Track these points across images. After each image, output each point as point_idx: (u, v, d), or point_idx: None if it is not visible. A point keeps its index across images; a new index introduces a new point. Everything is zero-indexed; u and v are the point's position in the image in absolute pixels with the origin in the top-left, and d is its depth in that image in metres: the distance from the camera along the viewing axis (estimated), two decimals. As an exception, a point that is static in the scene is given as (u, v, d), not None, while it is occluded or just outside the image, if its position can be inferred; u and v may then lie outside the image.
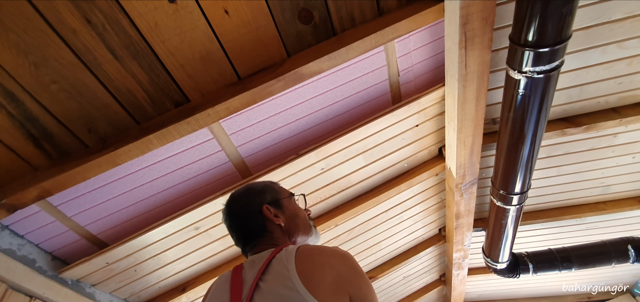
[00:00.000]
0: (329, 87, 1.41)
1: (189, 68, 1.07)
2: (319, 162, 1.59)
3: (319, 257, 0.74)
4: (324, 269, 0.72)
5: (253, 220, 0.91)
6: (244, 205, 0.94)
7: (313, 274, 0.69)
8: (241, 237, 0.92)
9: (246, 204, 0.93)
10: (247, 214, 0.92)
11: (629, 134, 1.81)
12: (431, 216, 2.45)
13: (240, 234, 0.92)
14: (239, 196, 0.96)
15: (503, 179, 1.54)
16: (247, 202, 0.94)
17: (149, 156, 1.31)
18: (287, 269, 0.70)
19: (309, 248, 0.77)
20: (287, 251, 0.76)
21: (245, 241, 0.91)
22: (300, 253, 0.74)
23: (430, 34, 1.39)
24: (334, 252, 0.77)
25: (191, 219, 1.50)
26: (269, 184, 1.02)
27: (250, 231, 0.91)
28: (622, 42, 1.39)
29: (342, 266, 0.74)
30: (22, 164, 1.08)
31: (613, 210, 2.24)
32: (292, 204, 1.00)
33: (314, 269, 0.71)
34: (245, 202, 0.94)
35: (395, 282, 2.99)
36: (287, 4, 1.05)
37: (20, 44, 0.87)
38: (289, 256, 0.73)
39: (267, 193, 0.97)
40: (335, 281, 0.71)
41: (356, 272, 0.75)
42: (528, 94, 1.12)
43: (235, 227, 0.93)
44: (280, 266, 0.72)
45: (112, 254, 1.45)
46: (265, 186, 1.00)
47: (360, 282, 0.74)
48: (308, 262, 0.72)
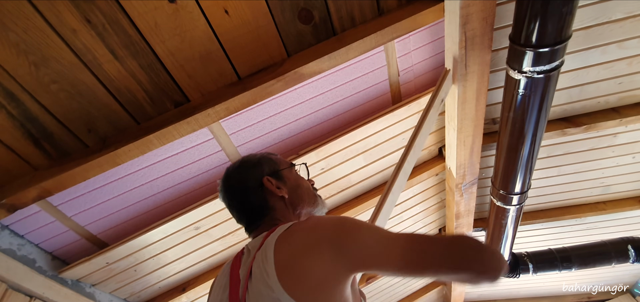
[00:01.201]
0: (329, 87, 1.41)
1: (189, 68, 1.07)
2: (319, 162, 1.59)
3: (305, 240, 0.62)
4: (310, 256, 0.59)
5: (253, 195, 0.83)
6: (241, 180, 0.86)
7: (294, 266, 0.58)
8: (243, 216, 0.84)
9: (244, 179, 0.86)
10: (246, 189, 0.84)
11: (629, 134, 1.81)
12: (431, 216, 2.45)
13: (241, 212, 0.85)
14: (235, 170, 0.89)
15: (503, 179, 1.54)
16: (245, 177, 0.86)
17: (149, 156, 1.31)
18: (266, 260, 0.60)
19: (293, 229, 0.65)
20: (273, 235, 0.66)
21: (247, 219, 0.84)
22: (281, 239, 0.63)
23: (430, 34, 1.39)
24: (323, 227, 0.63)
25: (191, 219, 1.50)
26: (266, 155, 0.93)
27: (251, 208, 0.83)
28: (622, 42, 1.39)
29: (333, 244, 0.60)
30: (22, 164, 1.08)
31: (613, 210, 2.24)
32: (293, 174, 0.92)
33: (296, 258, 0.59)
34: (243, 177, 0.86)
35: (395, 282, 2.99)
36: (287, 4, 1.05)
37: (20, 44, 0.87)
38: (270, 243, 0.63)
39: (265, 165, 0.89)
40: (325, 270, 0.58)
41: (348, 236, 0.61)
42: (528, 94, 1.12)
43: (235, 206, 0.86)
44: (263, 256, 0.62)
45: (112, 254, 1.45)
46: (262, 157, 0.91)
47: (353, 243, 0.60)
48: (289, 250, 0.61)
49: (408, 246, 0.62)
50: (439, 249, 0.62)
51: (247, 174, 0.87)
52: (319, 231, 0.63)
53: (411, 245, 0.62)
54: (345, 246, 0.60)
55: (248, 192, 0.84)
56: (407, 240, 0.63)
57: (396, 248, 0.62)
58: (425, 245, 0.63)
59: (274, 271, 0.58)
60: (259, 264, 0.62)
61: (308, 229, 0.64)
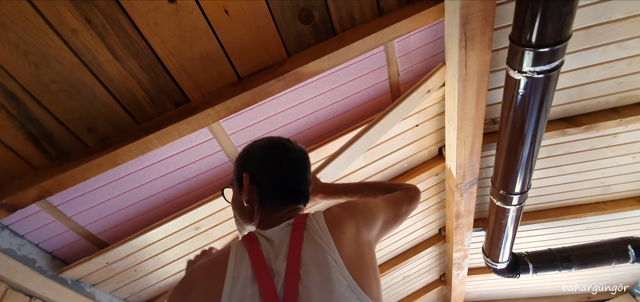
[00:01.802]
0: (329, 87, 1.41)
1: (189, 68, 1.07)
2: (318, 162, 1.59)
3: (349, 221, 0.70)
4: (351, 236, 0.68)
5: (309, 183, 0.86)
6: (309, 163, 0.88)
7: (354, 258, 0.63)
8: (300, 192, 0.82)
9: (309, 163, 0.88)
10: (308, 175, 0.86)
11: (629, 134, 1.81)
12: (431, 216, 2.45)
13: (301, 188, 0.82)
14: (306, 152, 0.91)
15: (503, 179, 1.54)
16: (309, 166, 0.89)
17: (149, 156, 1.31)
18: (328, 248, 0.62)
19: (332, 214, 0.71)
20: (316, 221, 0.68)
21: (297, 196, 0.81)
22: (329, 222, 0.68)
23: (430, 34, 1.38)
24: (348, 211, 0.74)
25: (191, 219, 1.50)
26: None
27: (306, 191, 0.84)
28: (622, 42, 1.39)
29: (357, 222, 0.72)
30: (22, 164, 1.08)
31: (613, 210, 2.24)
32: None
33: (343, 239, 0.65)
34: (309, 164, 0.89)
35: (395, 282, 2.99)
36: (287, 4, 1.05)
37: (20, 44, 0.87)
38: (322, 229, 0.66)
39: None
40: (367, 244, 0.70)
41: (365, 214, 0.76)
42: (528, 94, 1.12)
43: (306, 180, 0.84)
44: (318, 242, 0.63)
45: (112, 253, 1.45)
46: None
47: (368, 218, 0.75)
48: (341, 235, 0.66)
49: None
50: (403, 198, 0.94)
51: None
52: (350, 211, 0.75)
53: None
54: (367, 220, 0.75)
55: (309, 176, 0.87)
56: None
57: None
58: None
59: (344, 267, 0.60)
60: (314, 259, 0.61)
61: (349, 215, 0.73)
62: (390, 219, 0.85)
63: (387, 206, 0.86)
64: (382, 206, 0.85)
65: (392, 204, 0.89)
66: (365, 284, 0.60)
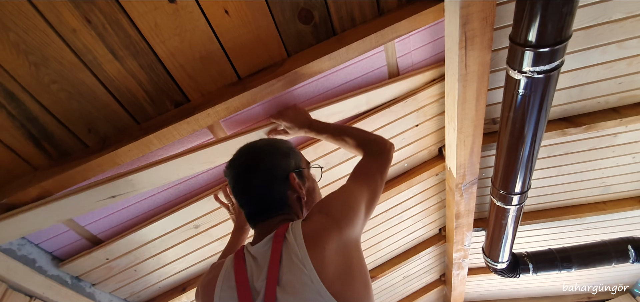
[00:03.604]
0: (329, 87, 1.40)
1: (189, 68, 1.07)
2: (317, 159, 1.59)
3: (331, 235, 0.65)
4: (336, 250, 0.64)
5: (278, 187, 0.78)
6: (271, 166, 0.78)
7: (339, 272, 0.61)
8: (259, 202, 0.77)
9: (274, 166, 0.79)
10: (273, 179, 0.77)
11: (629, 134, 1.81)
12: (431, 216, 2.45)
13: (258, 198, 0.77)
14: (265, 153, 0.81)
15: (503, 179, 1.54)
16: (275, 164, 0.79)
17: (149, 156, 1.31)
18: (304, 267, 0.60)
19: (312, 226, 0.66)
20: (294, 235, 0.65)
21: (261, 208, 0.77)
22: (309, 241, 0.63)
23: (430, 34, 1.38)
24: (328, 218, 0.68)
25: (191, 216, 1.50)
26: (293, 147, 0.88)
27: (271, 198, 0.77)
28: (622, 42, 1.39)
29: (340, 228, 0.66)
30: (22, 164, 1.08)
31: (613, 210, 2.24)
32: (311, 176, 0.89)
33: (324, 255, 0.61)
34: (273, 163, 0.79)
35: (395, 282, 2.99)
36: (287, 4, 1.05)
37: (20, 44, 0.87)
38: (299, 245, 0.62)
39: (293, 158, 0.84)
40: (338, 256, 0.63)
41: (347, 213, 0.70)
42: (528, 94, 1.12)
43: (254, 189, 0.77)
44: (295, 260, 0.61)
45: (112, 248, 1.44)
46: (290, 149, 0.86)
47: (350, 217, 0.70)
48: (321, 252, 0.62)
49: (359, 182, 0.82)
50: (375, 167, 0.90)
51: (278, 161, 0.80)
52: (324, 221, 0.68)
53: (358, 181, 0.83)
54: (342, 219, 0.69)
55: (275, 180, 0.78)
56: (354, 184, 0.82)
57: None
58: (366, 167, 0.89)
59: (319, 281, 0.58)
60: (292, 271, 0.61)
61: (322, 221, 0.68)
62: (369, 200, 0.80)
63: (363, 189, 0.79)
64: (359, 192, 0.77)
65: (366, 183, 0.82)
66: (349, 295, 0.60)
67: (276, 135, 1.18)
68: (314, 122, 1.07)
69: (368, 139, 0.99)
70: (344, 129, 1.04)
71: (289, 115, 1.12)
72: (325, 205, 0.72)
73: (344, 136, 1.00)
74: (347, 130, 1.03)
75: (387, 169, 0.93)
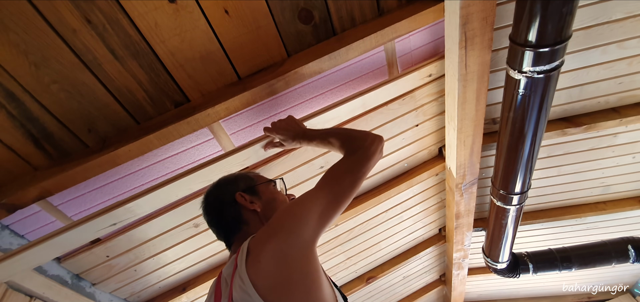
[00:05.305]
0: (329, 87, 1.40)
1: (189, 68, 1.07)
2: (317, 158, 1.59)
3: (266, 247, 0.66)
4: (272, 261, 0.65)
5: (228, 210, 0.89)
6: (217, 196, 0.92)
7: (276, 284, 0.64)
8: (221, 231, 0.89)
9: (220, 194, 0.92)
10: (221, 205, 0.90)
11: (629, 134, 1.81)
12: (431, 216, 2.45)
13: (219, 228, 0.90)
14: (213, 188, 0.95)
15: (503, 179, 1.54)
16: (221, 193, 0.92)
17: (149, 156, 1.31)
18: (243, 282, 0.64)
19: (255, 240, 0.70)
20: (242, 252, 0.69)
21: (224, 233, 0.89)
22: (249, 255, 0.67)
23: (430, 34, 1.38)
24: (268, 232, 0.70)
25: (190, 214, 1.50)
26: (244, 173, 1.00)
27: (227, 223, 0.88)
28: (622, 42, 1.39)
29: (278, 239, 0.67)
30: (22, 164, 1.08)
31: (613, 210, 2.24)
32: (269, 189, 0.96)
33: (259, 268, 0.65)
34: (218, 194, 0.92)
35: (395, 282, 2.99)
36: (287, 4, 1.05)
37: (20, 44, 0.87)
38: (241, 261, 0.67)
39: (240, 181, 0.95)
40: (283, 272, 0.65)
41: (289, 224, 0.70)
42: (528, 94, 1.12)
43: (214, 222, 0.91)
44: (238, 276, 0.66)
45: (112, 244, 1.44)
46: (238, 175, 0.98)
47: (293, 227, 0.69)
48: (257, 264, 0.65)
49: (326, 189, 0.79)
50: (345, 167, 0.85)
51: (223, 190, 0.93)
52: (273, 242, 0.69)
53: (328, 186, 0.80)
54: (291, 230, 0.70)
55: (223, 207, 0.89)
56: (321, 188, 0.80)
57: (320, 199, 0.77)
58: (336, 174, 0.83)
59: (253, 290, 0.62)
60: (238, 286, 0.65)
61: (268, 237, 0.69)
62: (328, 206, 0.77)
63: (319, 195, 0.78)
64: (314, 199, 0.77)
65: (327, 188, 0.80)
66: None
67: (272, 148, 1.21)
68: (307, 132, 1.07)
69: (350, 136, 0.96)
70: (330, 132, 1.02)
71: (281, 127, 1.11)
72: (272, 220, 0.74)
73: (330, 138, 0.99)
74: (333, 132, 1.01)
75: (366, 164, 0.86)
